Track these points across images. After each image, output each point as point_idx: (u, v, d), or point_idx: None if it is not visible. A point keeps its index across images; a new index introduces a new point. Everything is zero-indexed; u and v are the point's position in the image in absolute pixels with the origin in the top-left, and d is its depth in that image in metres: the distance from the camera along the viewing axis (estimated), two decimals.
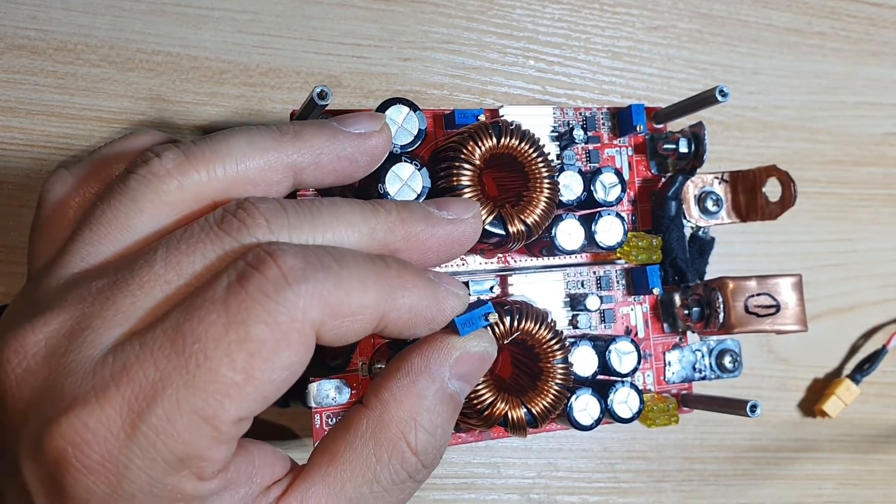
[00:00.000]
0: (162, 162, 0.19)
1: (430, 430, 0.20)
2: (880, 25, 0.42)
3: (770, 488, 0.37)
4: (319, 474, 0.19)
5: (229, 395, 0.16)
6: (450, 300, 0.20)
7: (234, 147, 0.19)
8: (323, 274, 0.17)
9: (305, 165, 0.20)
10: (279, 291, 0.16)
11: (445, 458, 0.33)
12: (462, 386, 0.21)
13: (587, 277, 0.30)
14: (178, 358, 0.16)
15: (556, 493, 0.34)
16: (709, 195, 0.31)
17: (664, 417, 0.29)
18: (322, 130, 0.21)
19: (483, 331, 0.21)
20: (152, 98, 0.31)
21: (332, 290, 0.17)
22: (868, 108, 0.41)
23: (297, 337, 0.17)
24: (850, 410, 0.38)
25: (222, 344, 0.16)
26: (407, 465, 0.20)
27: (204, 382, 0.16)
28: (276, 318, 0.16)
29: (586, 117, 0.30)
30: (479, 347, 0.21)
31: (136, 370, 0.16)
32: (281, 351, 0.17)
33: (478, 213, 0.22)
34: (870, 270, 0.40)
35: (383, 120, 0.22)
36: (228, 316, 0.16)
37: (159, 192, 0.19)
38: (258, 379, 0.16)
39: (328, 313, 0.17)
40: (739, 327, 0.29)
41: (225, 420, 0.16)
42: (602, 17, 0.37)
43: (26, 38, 0.29)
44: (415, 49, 0.34)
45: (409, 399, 0.20)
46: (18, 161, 0.29)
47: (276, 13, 0.32)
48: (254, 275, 0.17)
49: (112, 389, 0.16)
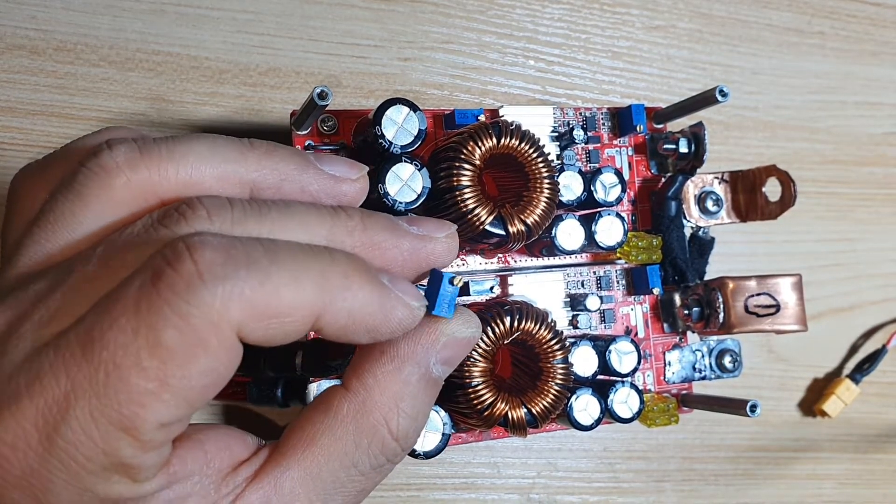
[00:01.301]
0: (112, 155, 0.18)
1: (412, 416, 0.19)
2: (880, 25, 0.42)
3: (770, 488, 0.37)
4: (295, 458, 0.19)
5: (143, 405, 0.15)
6: (398, 311, 0.18)
7: (194, 150, 0.18)
8: (246, 270, 0.16)
9: (265, 187, 0.19)
10: (192, 290, 0.15)
11: (445, 457, 0.33)
12: (445, 369, 0.20)
13: (587, 277, 0.30)
14: (88, 366, 0.15)
15: (556, 493, 0.34)
16: (709, 195, 0.31)
17: (664, 417, 0.29)
18: (293, 158, 0.19)
19: (464, 313, 0.20)
20: (152, 98, 0.31)
21: (256, 288, 0.16)
22: (868, 107, 0.41)
23: (215, 341, 0.15)
24: (850, 410, 0.38)
25: (131, 350, 0.15)
26: (387, 451, 0.19)
27: (115, 392, 0.15)
28: (189, 322, 0.15)
29: (586, 117, 0.30)
30: (468, 333, 0.20)
31: (49, 379, 0.15)
32: (198, 356, 0.15)
33: (453, 235, 0.20)
34: (870, 270, 0.40)
35: (363, 171, 0.20)
36: (138, 319, 0.15)
37: (105, 186, 0.17)
38: (174, 386, 0.15)
39: (251, 314, 0.16)
40: (739, 327, 0.29)
41: (144, 429, 0.15)
42: (602, 17, 0.37)
43: (26, 38, 0.29)
44: (415, 49, 0.34)
45: (395, 385, 0.19)
46: (18, 161, 0.29)
47: (276, 13, 0.32)
48: (166, 272, 0.15)
49: (25, 400, 0.15)
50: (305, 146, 0.26)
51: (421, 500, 0.32)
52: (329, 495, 0.19)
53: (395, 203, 0.24)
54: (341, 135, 0.27)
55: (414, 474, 0.32)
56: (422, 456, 0.25)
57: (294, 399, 0.27)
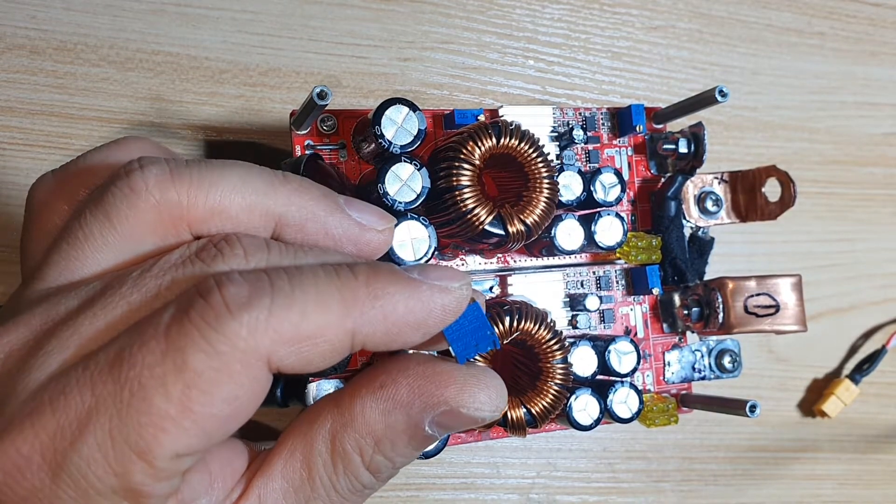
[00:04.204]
0: (143, 175, 0.18)
1: (388, 458, 0.19)
2: (880, 25, 0.42)
3: (769, 488, 0.37)
4: (278, 467, 0.19)
5: (164, 429, 0.15)
6: (437, 298, 0.18)
7: (226, 178, 0.18)
8: (270, 299, 0.16)
9: (290, 223, 0.19)
10: (220, 320, 0.15)
11: (445, 457, 0.33)
12: (441, 431, 0.19)
13: (587, 277, 0.30)
14: (114, 384, 0.15)
15: (556, 493, 0.34)
16: (708, 195, 0.31)
17: (663, 417, 0.29)
18: (323, 199, 0.19)
19: (492, 386, 0.19)
20: (152, 98, 0.31)
21: (280, 314, 0.16)
22: (868, 108, 0.41)
23: (240, 368, 0.16)
24: (850, 410, 0.38)
25: (157, 372, 0.15)
26: (361, 479, 0.19)
27: (137, 413, 0.15)
28: (216, 348, 0.15)
29: (586, 117, 0.30)
30: (476, 413, 0.19)
31: (74, 395, 0.15)
32: (222, 383, 0.15)
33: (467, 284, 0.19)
34: (869, 270, 0.40)
35: (391, 224, 0.20)
36: (167, 343, 0.15)
37: (135, 208, 0.18)
38: (196, 413, 0.15)
39: (279, 340, 0.16)
40: (739, 327, 0.29)
41: (160, 456, 0.15)
42: (602, 18, 0.37)
43: (26, 38, 0.29)
44: (414, 49, 0.34)
45: (378, 425, 0.19)
46: (18, 161, 0.29)
47: (276, 13, 0.32)
48: (198, 302, 0.16)
49: (48, 414, 0.15)
50: (305, 146, 0.26)
51: (420, 500, 0.32)
52: None
53: (395, 203, 0.24)
54: (341, 134, 0.27)
55: (413, 474, 0.32)
56: (421, 456, 0.25)
57: (294, 399, 0.27)
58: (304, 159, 0.24)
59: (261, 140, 0.32)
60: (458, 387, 0.19)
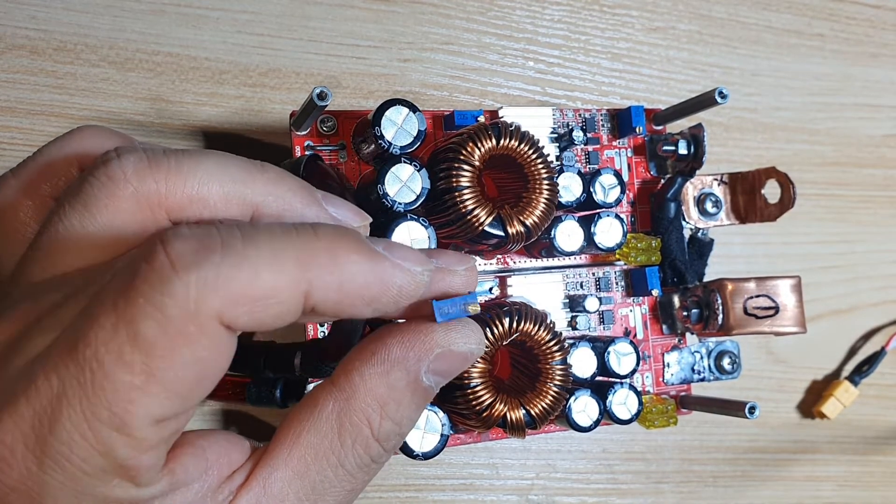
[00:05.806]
0: (121, 164, 0.17)
1: (395, 421, 0.19)
2: (879, 27, 0.42)
3: (769, 490, 0.37)
4: (282, 457, 0.19)
5: (132, 400, 0.15)
6: (397, 277, 0.18)
7: (203, 166, 0.18)
8: (220, 256, 0.15)
9: (267, 213, 0.19)
10: (166, 283, 0.15)
11: (444, 458, 0.33)
12: (438, 380, 0.20)
13: (586, 279, 0.30)
14: (76, 366, 0.15)
15: (555, 495, 0.34)
16: (708, 197, 0.31)
17: (663, 419, 0.29)
18: (301, 191, 0.19)
19: (470, 325, 0.20)
20: (152, 98, 0.31)
21: (230, 273, 0.15)
22: (867, 109, 0.41)
23: (195, 329, 0.15)
24: (849, 412, 0.38)
25: (112, 347, 0.15)
26: (370, 451, 0.19)
27: (102, 390, 0.15)
28: (165, 313, 0.15)
29: (586, 119, 0.30)
30: (465, 347, 0.19)
31: (42, 381, 0.15)
32: (179, 347, 0.15)
33: (472, 268, 0.20)
34: (869, 272, 0.40)
35: (366, 221, 0.20)
36: (116, 315, 0.15)
37: (113, 197, 0.17)
38: (161, 378, 0.15)
39: (230, 300, 0.15)
40: (738, 329, 0.29)
41: (137, 426, 0.15)
42: (602, 19, 0.37)
43: (26, 38, 0.29)
44: (414, 50, 0.34)
45: (380, 388, 0.19)
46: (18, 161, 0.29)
47: (276, 13, 0.32)
48: (142, 267, 0.15)
49: (23, 403, 0.15)
50: (305, 146, 0.26)
51: (420, 501, 0.32)
52: (319, 495, 0.19)
53: (395, 203, 0.24)
54: (341, 135, 0.27)
55: (413, 475, 0.32)
56: (420, 457, 0.25)
57: (293, 400, 0.27)
58: (304, 160, 0.24)
59: (261, 140, 0.32)
60: (444, 329, 0.19)
